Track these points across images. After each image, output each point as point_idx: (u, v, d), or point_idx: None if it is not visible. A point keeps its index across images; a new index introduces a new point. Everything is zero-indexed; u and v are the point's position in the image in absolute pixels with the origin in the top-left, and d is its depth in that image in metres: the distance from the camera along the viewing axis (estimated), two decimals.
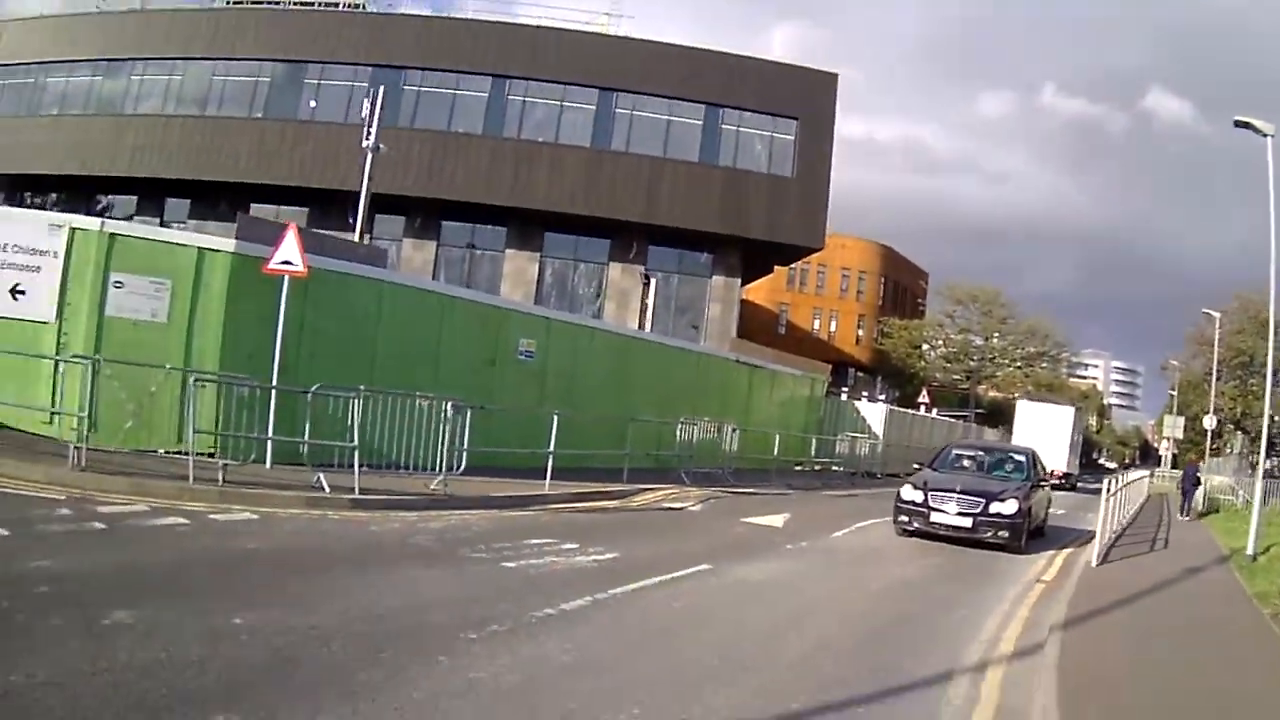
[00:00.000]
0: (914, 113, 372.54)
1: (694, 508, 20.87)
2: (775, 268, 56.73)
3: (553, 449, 19.39)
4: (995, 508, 17.64)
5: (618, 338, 29.48)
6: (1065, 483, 47.99)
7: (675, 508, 20.63)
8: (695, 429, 27.02)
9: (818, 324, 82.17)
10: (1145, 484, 37.93)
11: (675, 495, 22.32)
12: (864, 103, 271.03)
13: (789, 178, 42.54)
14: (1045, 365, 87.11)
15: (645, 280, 42.84)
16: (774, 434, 31.21)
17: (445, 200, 41.29)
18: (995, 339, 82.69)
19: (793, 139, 42.78)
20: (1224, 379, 61.19)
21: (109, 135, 43.85)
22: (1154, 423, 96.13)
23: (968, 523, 17.62)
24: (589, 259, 44.24)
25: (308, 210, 41.05)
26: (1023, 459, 21.27)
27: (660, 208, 41.38)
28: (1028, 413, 53.39)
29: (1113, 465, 63.72)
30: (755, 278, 55.12)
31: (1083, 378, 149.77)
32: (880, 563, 16.01)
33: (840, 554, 16.65)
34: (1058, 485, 45.40)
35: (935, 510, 17.87)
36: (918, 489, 18.44)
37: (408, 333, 20.39)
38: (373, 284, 19.88)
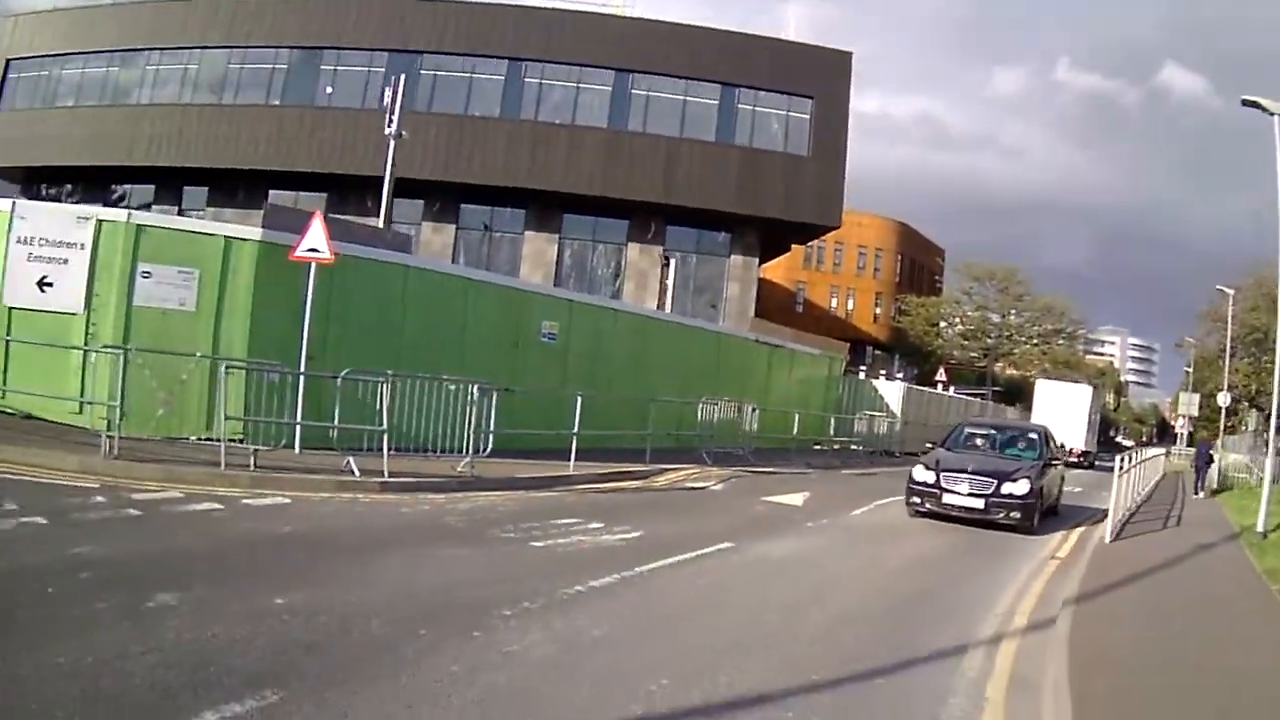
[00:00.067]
0: (929, 88, 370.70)
1: (715, 487, 21.08)
2: (792, 246, 56.75)
3: (576, 430, 19.62)
4: (1007, 488, 17.51)
5: (639, 318, 29.59)
6: (1084, 461, 48.18)
7: (697, 487, 20.84)
8: (716, 409, 27.11)
9: (835, 302, 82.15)
10: (1161, 462, 37.98)
11: (697, 475, 22.51)
12: (879, 79, 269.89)
13: (805, 156, 42.75)
14: (1062, 342, 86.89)
15: (665, 261, 43.00)
16: (793, 413, 31.43)
17: (464, 184, 41.57)
18: (1012, 316, 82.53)
19: (808, 118, 42.98)
20: (1239, 356, 60.99)
21: (125, 125, 44.26)
22: (1171, 400, 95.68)
23: (980, 504, 17.46)
24: (607, 240, 44.52)
25: (326, 196, 41.45)
26: (1035, 436, 21.11)
27: (678, 188, 41.60)
28: (1046, 392, 53.74)
29: (1129, 443, 63.61)
30: (773, 257, 55.19)
31: (1100, 355, 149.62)
32: (898, 540, 16.19)
33: (859, 531, 16.86)
34: (1076, 463, 45.91)
35: (947, 491, 17.70)
36: (930, 469, 18.23)
37: (432, 317, 20.54)
38: (398, 269, 20.03)
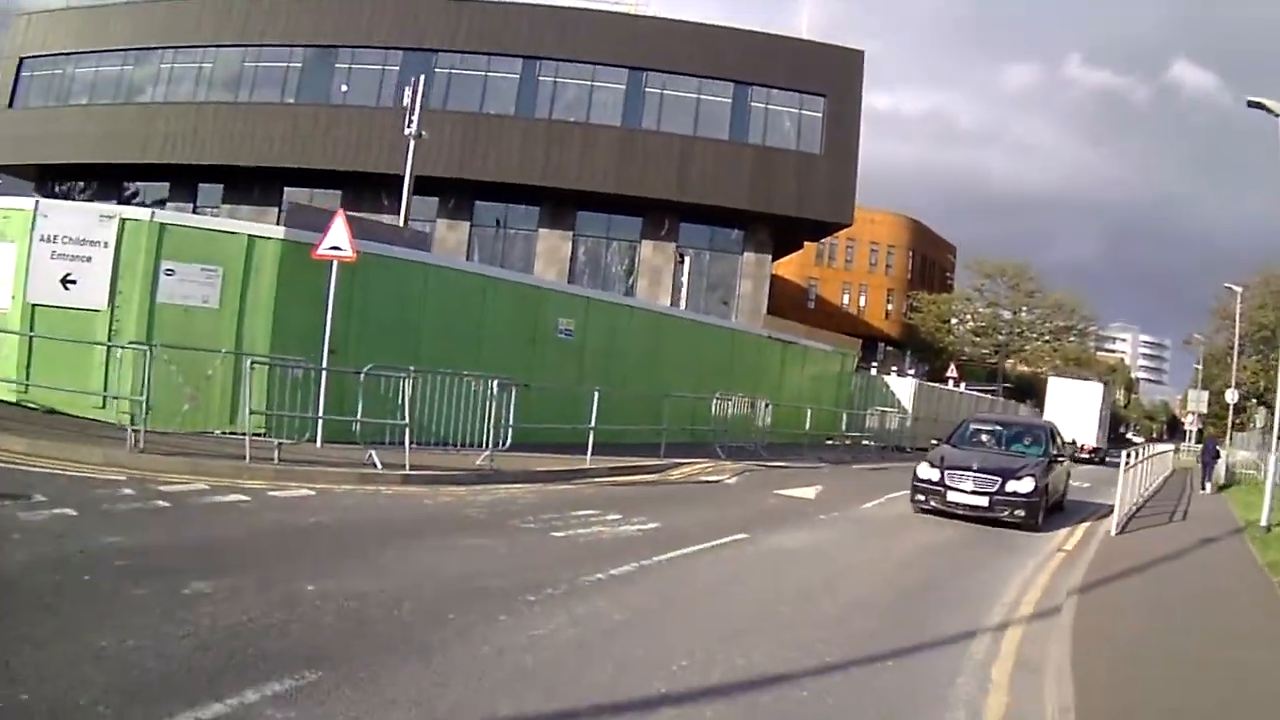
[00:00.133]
0: (941, 84, 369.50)
1: (729, 481, 21.34)
2: (805, 243, 56.82)
3: (593, 425, 19.91)
4: (1012, 486, 17.44)
5: (653, 315, 29.86)
6: (1094, 457, 48.49)
7: (711, 481, 21.11)
8: (729, 404, 27.35)
9: (847, 298, 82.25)
10: (1170, 458, 38.16)
11: (711, 469, 22.80)
12: (890, 75, 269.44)
13: (818, 154, 42.83)
14: (1073, 339, 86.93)
15: (679, 258, 43.16)
16: (805, 409, 31.67)
17: (478, 181, 41.73)
18: (1023, 313, 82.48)
19: (821, 116, 43.03)
20: (1247, 353, 61.10)
21: (140, 123, 44.48)
22: (1180, 397, 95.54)
23: (984, 501, 17.41)
24: (621, 237, 44.72)
25: (340, 193, 41.56)
26: (1041, 432, 20.98)
27: (691, 185, 41.75)
28: (1059, 389, 54.55)
29: (1139, 440, 63.73)
30: (785, 254, 55.33)
31: (1110, 351, 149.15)
32: (908, 532, 16.45)
33: (870, 524, 17.11)
34: (1087, 460, 46.29)
35: (951, 489, 17.65)
36: (934, 467, 18.18)
37: (451, 314, 20.79)
38: (418, 267, 20.31)
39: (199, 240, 17.89)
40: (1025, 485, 17.48)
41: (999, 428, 21.54)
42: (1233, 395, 51.73)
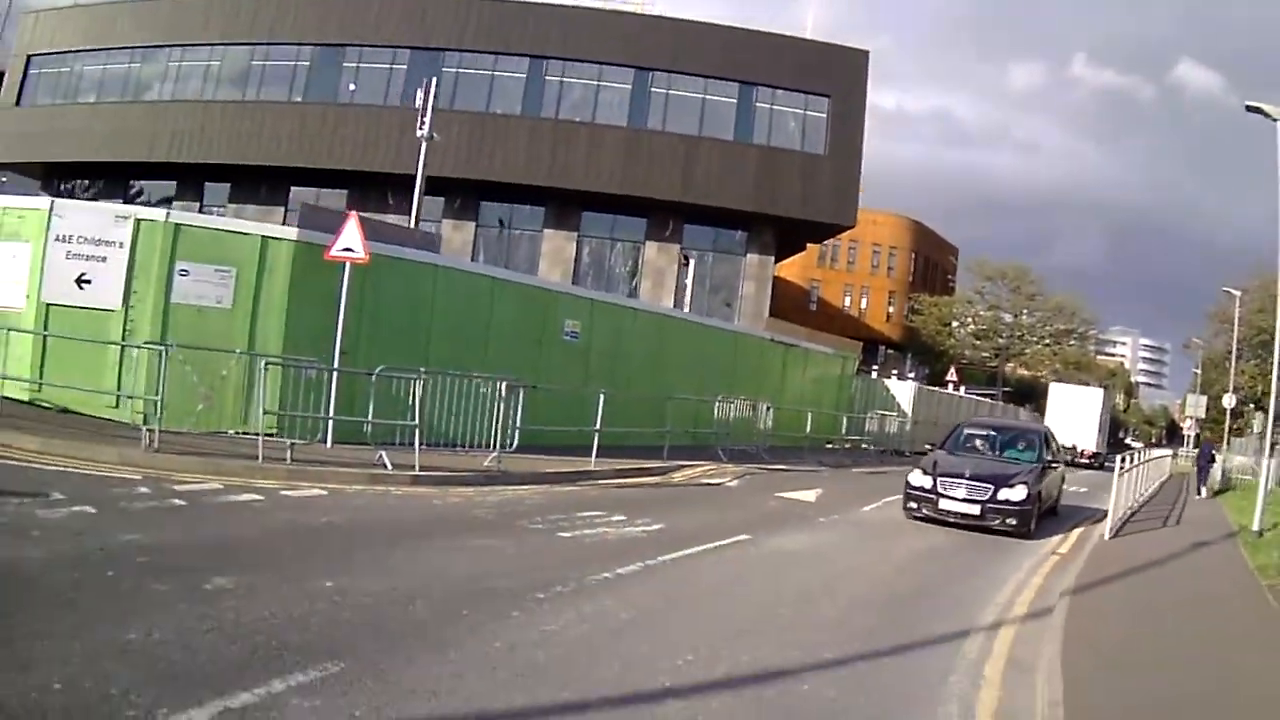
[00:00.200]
0: (945, 84, 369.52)
1: (731, 483, 21.61)
2: (807, 245, 56.98)
3: (598, 427, 20.18)
4: (1004, 494, 17.21)
5: (658, 318, 30.04)
6: (1094, 462, 48.83)
7: (713, 483, 21.37)
8: (731, 407, 27.53)
9: (849, 300, 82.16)
10: (1167, 463, 38.38)
11: (713, 471, 23.08)
12: (895, 74, 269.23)
13: (822, 155, 42.95)
14: (1073, 343, 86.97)
15: (684, 261, 43.27)
16: (806, 412, 31.91)
17: (484, 181, 41.87)
18: (1024, 316, 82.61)
19: (825, 116, 43.12)
20: (1245, 358, 61.23)
21: (147, 121, 44.66)
22: (1180, 402, 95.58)
23: (976, 510, 17.18)
24: (625, 238, 44.89)
25: (346, 192, 41.85)
26: (1035, 437, 20.81)
27: (696, 186, 41.90)
28: (1060, 395, 55.03)
29: (1138, 445, 63.95)
30: (788, 255, 55.48)
31: (1111, 355, 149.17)
32: (905, 535, 16.66)
33: (869, 527, 17.36)
34: (1087, 464, 46.90)
35: (943, 496, 17.44)
36: (926, 474, 17.91)
37: (460, 315, 21.02)
38: (428, 269, 20.50)
39: (213, 241, 18.10)
40: (1018, 493, 17.29)
41: (993, 433, 21.29)
42: (1230, 400, 51.95)
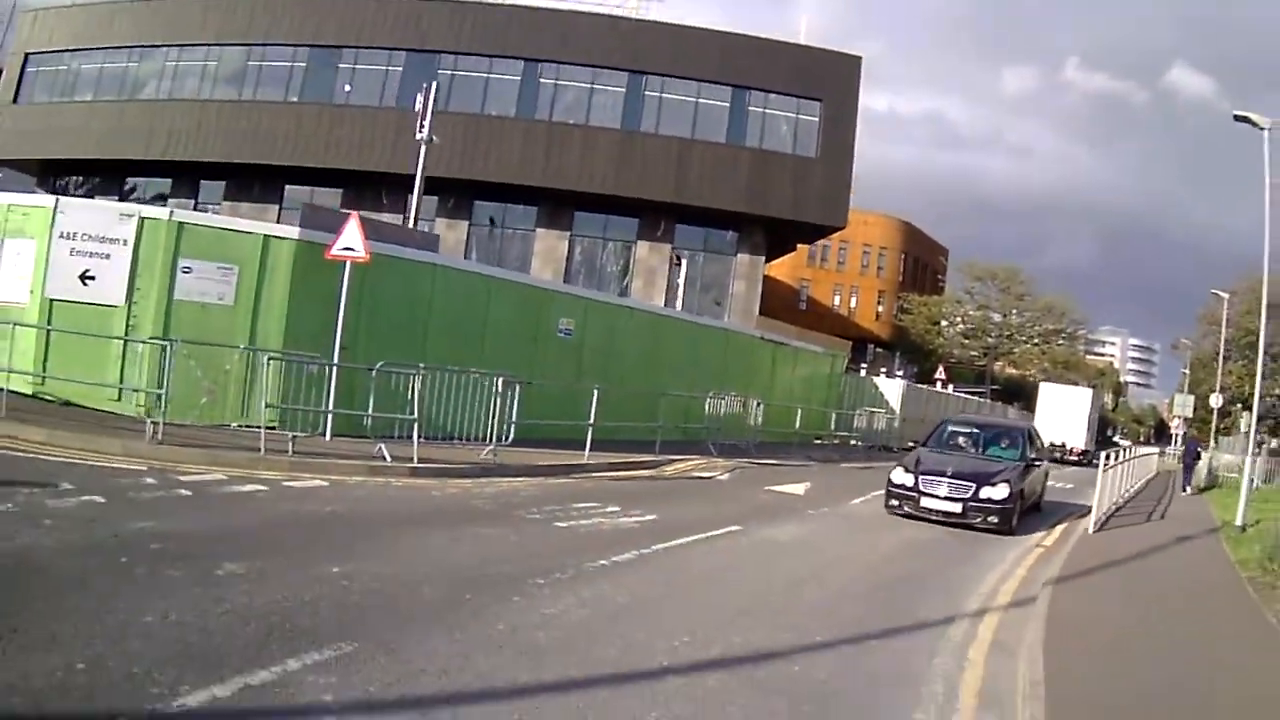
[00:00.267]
0: (938, 88, 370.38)
1: (722, 477, 21.93)
2: (798, 245, 57.28)
3: (592, 422, 20.46)
4: (986, 492, 17.17)
5: (650, 316, 30.40)
6: (1083, 460, 49.33)
7: (705, 477, 21.69)
8: (722, 403, 27.86)
9: (838, 300, 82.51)
10: (1154, 461, 38.79)
11: (704, 465, 23.38)
12: (888, 77, 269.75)
13: (813, 159, 43.17)
14: (1062, 342, 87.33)
15: (676, 261, 43.61)
16: (796, 408, 32.39)
17: (478, 181, 42.06)
18: (1013, 316, 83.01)
19: (817, 120, 43.34)
20: (1233, 359, 61.74)
21: (143, 120, 44.74)
22: (1168, 401, 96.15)
23: (957, 508, 17.15)
24: (617, 238, 45.13)
25: (342, 192, 42.15)
26: (1019, 435, 20.69)
27: (688, 188, 42.11)
28: (1049, 394, 55.58)
29: (1126, 443, 64.63)
30: (778, 255, 55.71)
31: (1100, 355, 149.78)
32: (893, 528, 16.92)
33: (857, 520, 17.66)
34: (1076, 462, 47.56)
35: (925, 495, 17.40)
36: (908, 472, 17.86)
37: (457, 313, 21.35)
38: (426, 268, 20.83)
39: (216, 239, 18.36)
40: (1000, 492, 17.26)
41: (976, 430, 21.09)
42: (1217, 399, 52.48)
